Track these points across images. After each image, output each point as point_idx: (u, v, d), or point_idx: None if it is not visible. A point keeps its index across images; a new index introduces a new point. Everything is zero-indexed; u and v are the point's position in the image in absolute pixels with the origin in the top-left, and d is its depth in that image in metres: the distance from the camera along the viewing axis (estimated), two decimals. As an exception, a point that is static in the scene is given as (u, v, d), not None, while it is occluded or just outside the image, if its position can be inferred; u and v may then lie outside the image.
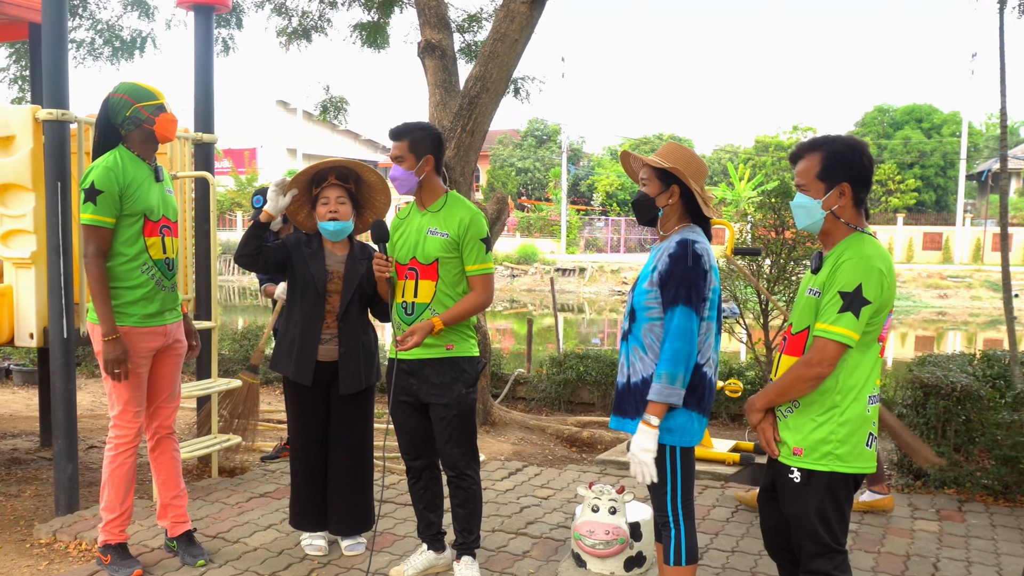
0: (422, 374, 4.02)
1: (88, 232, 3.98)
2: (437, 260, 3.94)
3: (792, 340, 3.06)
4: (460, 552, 4.15)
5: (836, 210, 2.98)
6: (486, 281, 4.01)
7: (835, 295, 2.86)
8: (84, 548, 4.59)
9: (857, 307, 2.82)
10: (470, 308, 3.98)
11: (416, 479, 4.23)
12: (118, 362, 4.00)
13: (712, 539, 4.78)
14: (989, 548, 4.69)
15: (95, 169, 3.97)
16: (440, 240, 3.95)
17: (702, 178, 3.40)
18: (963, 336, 23.31)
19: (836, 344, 2.84)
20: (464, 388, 4.01)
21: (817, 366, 2.87)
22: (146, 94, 4.07)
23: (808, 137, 3.57)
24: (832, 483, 2.95)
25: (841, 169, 2.96)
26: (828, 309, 2.87)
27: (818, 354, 2.87)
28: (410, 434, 4.17)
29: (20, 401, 8.97)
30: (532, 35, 7.00)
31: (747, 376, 8.03)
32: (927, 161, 44.25)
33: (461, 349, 4.02)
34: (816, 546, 2.99)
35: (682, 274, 3.23)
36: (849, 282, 2.84)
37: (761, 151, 47.83)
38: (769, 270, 6.95)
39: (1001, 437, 5.49)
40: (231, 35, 11.16)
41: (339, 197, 4.31)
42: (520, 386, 9.00)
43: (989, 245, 36.64)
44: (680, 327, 3.21)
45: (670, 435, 3.28)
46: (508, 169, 48.69)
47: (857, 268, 2.85)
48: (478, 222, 3.98)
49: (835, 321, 2.84)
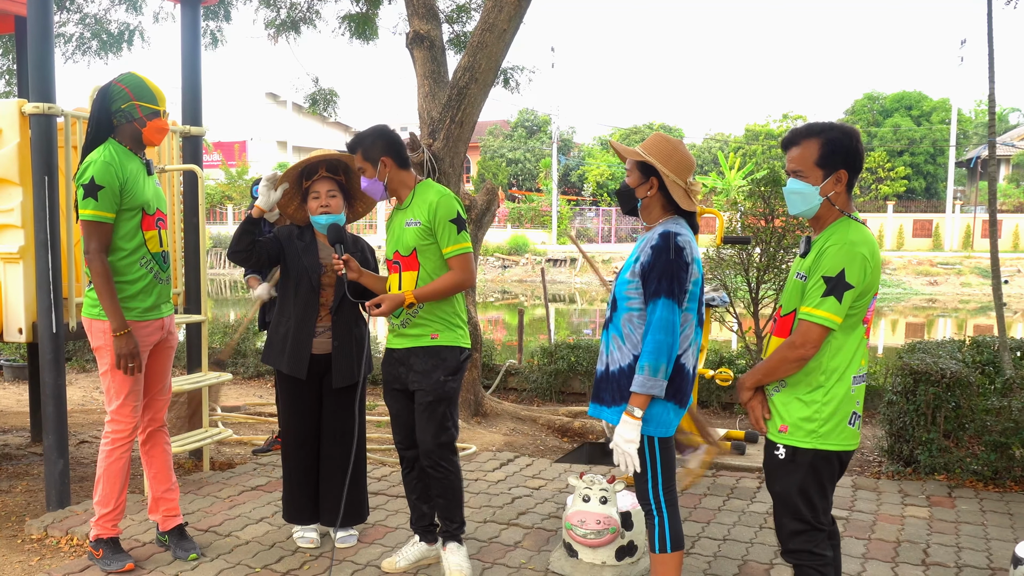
0: (408, 362, 4.04)
1: (90, 228, 3.94)
2: (415, 249, 3.96)
3: (781, 322, 3.12)
4: (445, 539, 4.17)
5: (832, 196, 3.02)
6: (463, 261, 3.98)
7: (819, 280, 2.92)
8: (76, 543, 4.58)
9: (840, 291, 2.89)
10: (446, 286, 3.96)
11: (409, 469, 4.23)
12: (132, 356, 3.99)
13: (703, 528, 4.80)
14: (979, 533, 4.71)
15: (93, 164, 3.92)
16: (414, 230, 3.96)
17: (685, 171, 3.40)
18: (953, 323, 23.40)
19: (819, 327, 2.91)
20: (443, 375, 4.00)
21: (800, 348, 2.94)
22: (148, 94, 4.04)
23: (799, 125, 3.57)
24: (815, 461, 3.01)
25: (840, 156, 3.00)
26: (812, 293, 2.93)
27: (802, 336, 2.94)
28: (402, 424, 4.19)
29: (11, 397, 8.94)
30: (521, 25, 6.99)
31: (738, 365, 8.05)
32: (917, 148, 44.34)
33: (446, 339, 4.02)
34: (797, 523, 3.05)
35: (664, 266, 3.26)
36: (832, 267, 2.90)
37: (751, 140, 47.89)
38: (759, 258, 6.97)
39: (991, 423, 5.52)
40: (219, 27, 11.12)
41: (330, 191, 4.30)
42: (511, 377, 9.01)
43: (979, 232, 36.76)
44: (662, 319, 3.24)
45: (646, 425, 3.31)
46: (498, 160, 48.61)
47: (840, 254, 2.91)
48: (446, 204, 3.96)
49: (818, 305, 2.91)
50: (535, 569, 4.24)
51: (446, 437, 4.06)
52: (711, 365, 8.07)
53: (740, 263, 7.01)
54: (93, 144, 4.04)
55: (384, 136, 4.05)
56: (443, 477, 4.06)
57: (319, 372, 4.39)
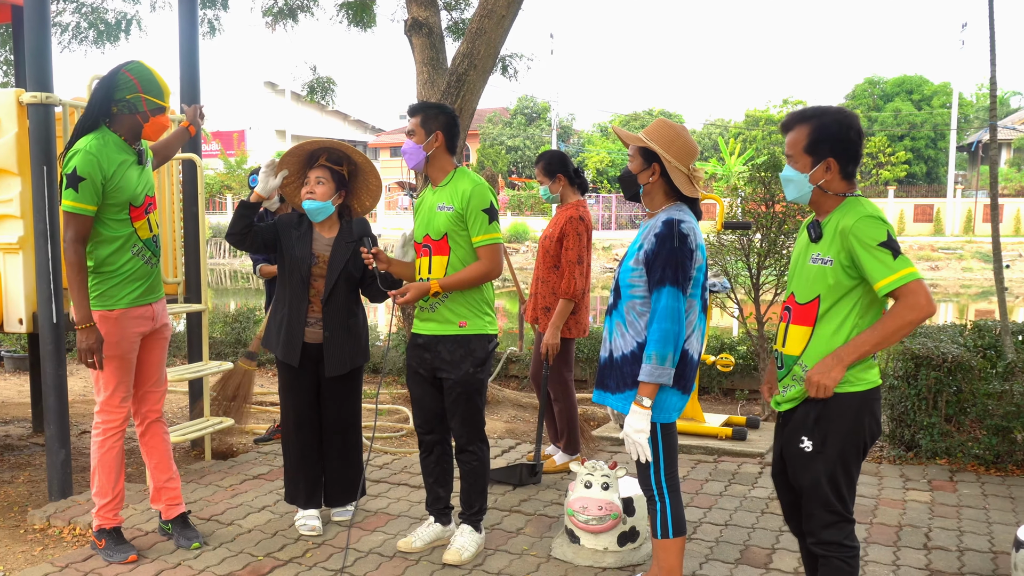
0: (435, 349, 4.09)
1: (67, 218, 3.89)
2: (446, 235, 3.99)
3: (800, 310, 3.05)
4: (463, 521, 4.27)
5: (823, 184, 2.99)
6: (492, 252, 4.02)
7: (878, 250, 2.85)
8: (78, 533, 4.58)
9: (898, 248, 2.86)
10: (473, 276, 4.00)
11: (428, 453, 4.31)
12: (90, 351, 3.95)
13: (705, 513, 4.80)
14: (980, 517, 4.72)
15: (77, 154, 3.87)
16: (447, 215, 3.99)
17: (688, 157, 3.38)
18: (954, 307, 23.38)
19: (917, 283, 2.84)
20: (472, 367, 4.07)
21: (921, 309, 2.84)
22: (156, 88, 3.99)
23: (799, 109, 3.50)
24: (843, 451, 2.98)
25: (827, 143, 2.97)
26: (880, 265, 2.85)
27: (913, 299, 2.83)
28: (424, 408, 4.25)
29: (12, 388, 8.94)
30: (519, 11, 6.96)
31: (739, 351, 8.05)
32: (918, 133, 44.25)
33: (474, 326, 4.07)
34: (829, 515, 3.03)
35: (668, 254, 3.25)
36: (878, 235, 2.86)
37: (751, 125, 47.80)
38: (760, 244, 6.95)
39: (992, 407, 5.52)
40: (217, 16, 11.05)
41: (318, 177, 4.32)
42: (513, 364, 9.01)
43: (980, 216, 36.65)
44: (667, 308, 3.23)
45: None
46: (498, 147, 48.54)
47: (873, 223, 2.88)
48: (480, 193, 3.99)
49: (898, 267, 2.83)
50: (537, 555, 4.24)
51: (476, 426, 4.17)
52: (712, 351, 8.07)
53: (741, 249, 6.99)
54: (84, 130, 3.97)
55: (447, 114, 4.09)
56: (469, 462, 4.19)
57: (314, 360, 4.43)
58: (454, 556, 4.13)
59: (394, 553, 4.27)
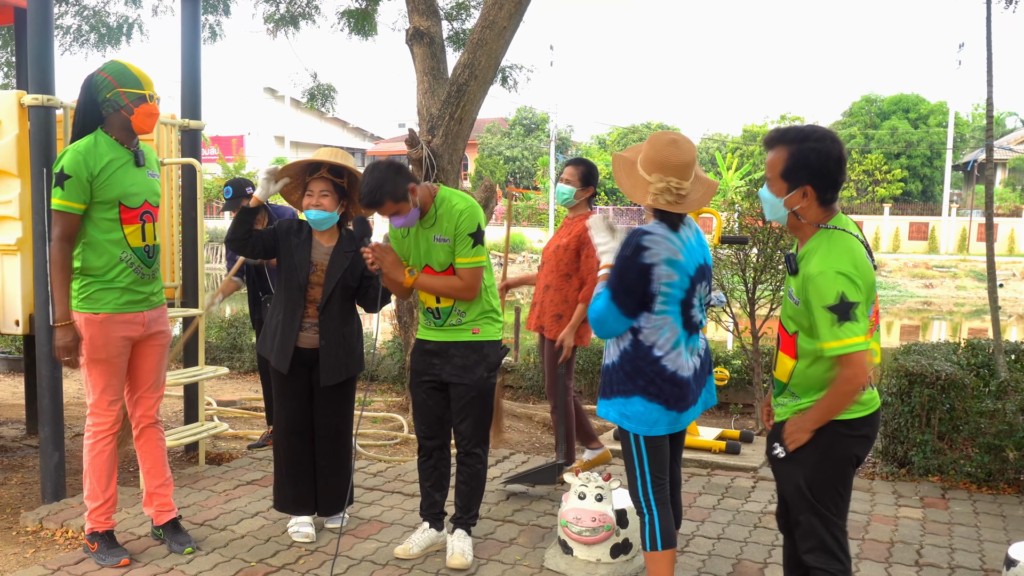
0: (447, 354, 4.16)
1: (55, 216, 3.94)
2: (452, 266, 4.08)
3: (786, 339, 3.07)
4: (456, 525, 4.29)
5: (799, 211, 2.95)
6: (472, 275, 4.07)
7: (824, 312, 2.80)
8: (71, 536, 4.58)
9: (850, 312, 2.79)
10: (447, 287, 4.08)
11: (427, 458, 4.34)
12: (67, 350, 3.98)
13: (698, 527, 4.81)
14: (972, 535, 4.73)
15: (67, 153, 3.92)
16: (447, 247, 4.07)
17: (655, 167, 3.33)
18: (948, 325, 23.45)
19: (857, 354, 2.80)
20: (485, 372, 4.17)
21: (854, 380, 2.83)
22: (131, 80, 3.99)
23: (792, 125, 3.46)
24: (819, 460, 2.98)
25: (804, 172, 2.90)
26: (825, 327, 2.82)
27: (849, 371, 2.82)
28: (427, 414, 4.29)
29: (6, 389, 8.93)
30: (521, 23, 6.98)
31: (733, 364, 8.06)
32: (914, 151, 44.32)
33: (486, 333, 4.18)
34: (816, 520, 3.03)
35: (617, 261, 3.33)
36: (829, 295, 2.80)
37: (749, 140, 47.83)
38: (756, 258, 6.98)
39: (985, 425, 5.54)
40: (218, 21, 11.08)
41: (323, 191, 4.38)
42: (507, 374, 9.01)
43: (975, 235, 36.74)
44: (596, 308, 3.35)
45: (628, 422, 3.39)
46: (496, 158, 48.58)
47: (828, 281, 2.81)
48: (471, 215, 4.04)
49: (842, 335, 2.79)
50: (530, 566, 4.25)
51: (484, 429, 4.24)
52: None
53: (737, 263, 7.01)
54: (78, 136, 4.02)
55: (396, 169, 3.99)
56: (473, 465, 4.25)
57: (307, 366, 4.44)
58: (460, 561, 4.16)
59: (387, 560, 4.27)
